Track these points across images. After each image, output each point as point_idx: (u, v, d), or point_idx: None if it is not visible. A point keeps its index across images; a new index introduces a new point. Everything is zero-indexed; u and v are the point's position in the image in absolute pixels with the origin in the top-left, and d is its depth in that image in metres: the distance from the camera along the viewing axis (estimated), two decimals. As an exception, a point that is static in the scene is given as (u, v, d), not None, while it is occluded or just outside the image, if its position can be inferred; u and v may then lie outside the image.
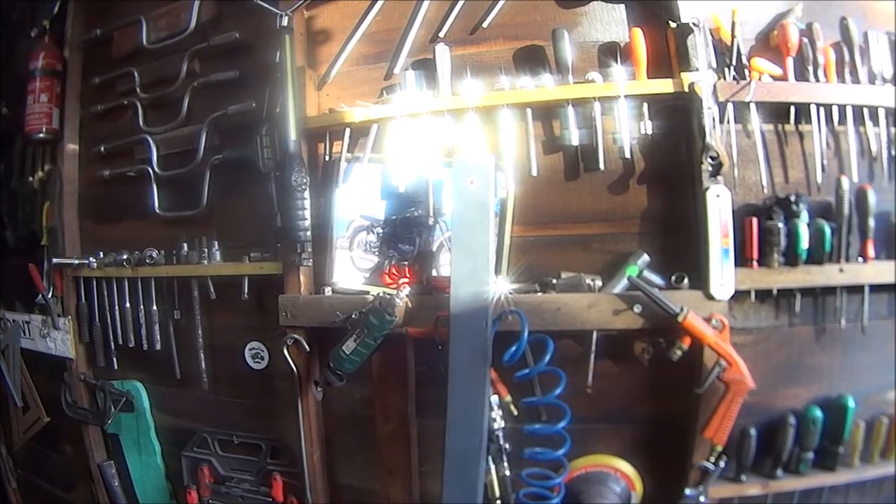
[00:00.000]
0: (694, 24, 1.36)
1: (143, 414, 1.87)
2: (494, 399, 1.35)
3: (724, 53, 1.40)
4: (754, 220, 1.37)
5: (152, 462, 1.88)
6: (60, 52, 1.95)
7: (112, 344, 1.88)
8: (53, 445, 2.12)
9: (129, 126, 1.86)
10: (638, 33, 1.40)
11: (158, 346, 1.81)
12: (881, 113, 1.42)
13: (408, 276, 1.51)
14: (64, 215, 1.93)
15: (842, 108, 1.41)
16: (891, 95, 1.43)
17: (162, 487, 1.89)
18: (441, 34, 1.55)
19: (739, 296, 1.35)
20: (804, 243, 1.35)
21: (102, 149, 1.89)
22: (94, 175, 1.92)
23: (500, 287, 1.31)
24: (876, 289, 1.41)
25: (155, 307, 1.80)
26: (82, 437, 1.95)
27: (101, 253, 1.85)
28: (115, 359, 1.89)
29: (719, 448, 1.35)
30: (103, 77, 1.91)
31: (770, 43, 1.43)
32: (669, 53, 1.41)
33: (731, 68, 1.39)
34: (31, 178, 2.07)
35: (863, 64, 1.44)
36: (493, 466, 1.34)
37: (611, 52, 1.46)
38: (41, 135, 1.91)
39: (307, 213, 1.49)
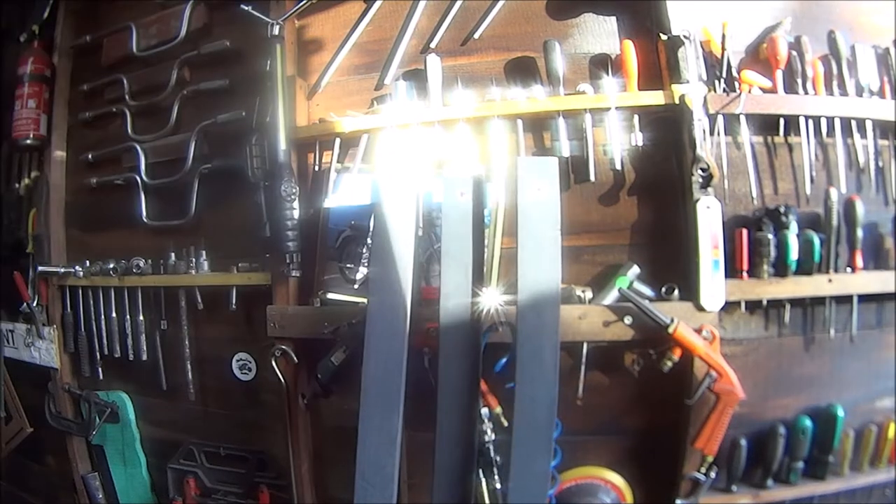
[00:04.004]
0: (685, 36, 1.37)
1: (128, 425, 1.85)
2: (485, 411, 1.34)
3: (714, 66, 1.41)
4: (744, 232, 1.38)
5: (137, 474, 1.86)
6: (49, 58, 1.93)
7: (97, 354, 1.86)
8: (37, 457, 2.09)
9: (118, 134, 1.84)
10: (629, 45, 1.41)
11: (145, 357, 1.79)
12: (868, 125, 1.44)
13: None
14: (50, 223, 1.91)
15: (830, 120, 1.42)
16: (877, 107, 1.44)
17: (147, 500, 1.86)
18: (432, 45, 1.55)
19: (729, 307, 1.35)
20: (793, 254, 1.36)
21: (90, 156, 1.88)
22: (81, 183, 1.90)
23: (490, 299, 1.30)
24: (864, 299, 1.43)
25: (141, 317, 1.78)
26: (66, 449, 1.92)
27: (88, 262, 1.83)
28: (100, 369, 1.87)
29: (710, 458, 1.35)
30: (92, 84, 1.90)
31: (759, 56, 1.45)
32: (660, 66, 1.42)
33: (722, 81, 1.40)
34: (17, 185, 2.05)
35: (850, 76, 1.45)
36: (483, 479, 1.33)
37: (602, 64, 1.47)
38: (28, 141, 1.89)
39: (296, 224, 1.48)
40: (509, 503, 1.17)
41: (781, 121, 1.42)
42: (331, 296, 1.53)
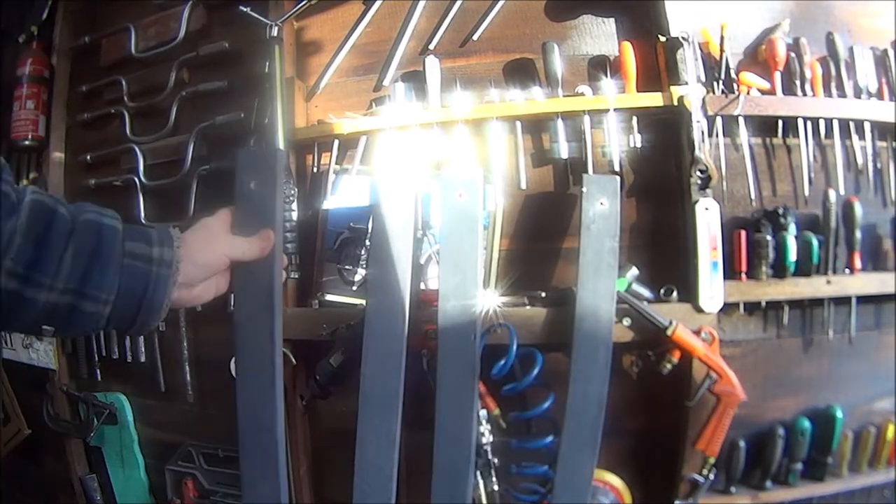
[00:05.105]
0: (683, 38, 1.36)
1: (126, 427, 1.84)
2: (483, 413, 1.34)
3: (712, 67, 1.41)
4: (743, 233, 1.38)
5: (135, 476, 1.85)
6: (48, 59, 1.92)
7: (95, 355, 1.85)
8: (34, 458, 2.08)
9: (116, 135, 1.83)
10: (627, 47, 1.41)
11: (143, 358, 1.78)
12: (867, 126, 1.44)
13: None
14: (48, 224, 1.91)
15: (828, 122, 1.42)
16: (876, 109, 1.44)
17: (145, 501, 1.85)
18: (431, 46, 1.55)
19: (728, 308, 1.35)
20: (792, 256, 1.36)
21: (89, 158, 1.87)
22: (79, 184, 1.89)
23: (488, 300, 1.30)
24: (863, 300, 1.43)
25: (140, 318, 1.77)
26: (64, 450, 1.91)
27: (86, 263, 1.83)
28: (98, 370, 1.86)
29: (711, 460, 1.34)
30: (91, 85, 1.89)
31: (758, 57, 1.45)
32: (659, 67, 1.42)
33: (720, 82, 1.40)
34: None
35: (849, 78, 1.46)
36: (481, 481, 1.33)
37: (600, 66, 1.47)
38: (27, 142, 1.88)
39: (294, 225, 1.48)
40: (554, 502, 1.22)
41: (780, 122, 1.42)
42: (329, 297, 1.52)
